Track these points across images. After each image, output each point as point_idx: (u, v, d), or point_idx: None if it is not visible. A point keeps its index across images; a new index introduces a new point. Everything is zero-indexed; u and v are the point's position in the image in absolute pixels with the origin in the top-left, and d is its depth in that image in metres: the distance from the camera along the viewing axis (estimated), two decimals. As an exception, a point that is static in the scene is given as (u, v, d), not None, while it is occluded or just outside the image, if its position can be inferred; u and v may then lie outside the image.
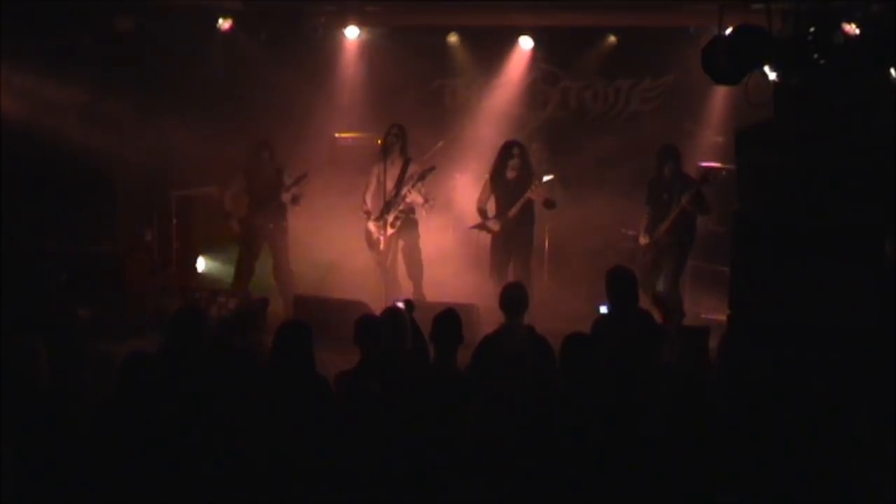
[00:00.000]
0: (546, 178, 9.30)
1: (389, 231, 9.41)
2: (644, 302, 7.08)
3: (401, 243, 9.56)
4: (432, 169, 9.49)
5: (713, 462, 4.58)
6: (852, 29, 6.98)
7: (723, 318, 8.03)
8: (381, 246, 9.42)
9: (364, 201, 9.60)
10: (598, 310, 7.97)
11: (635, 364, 5.91)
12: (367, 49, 11.67)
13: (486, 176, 9.50)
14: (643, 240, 9.21)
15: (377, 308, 7.62)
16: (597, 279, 10.06)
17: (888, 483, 4.54)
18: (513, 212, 9.17)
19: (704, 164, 10.20)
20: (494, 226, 9.26)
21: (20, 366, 4.85)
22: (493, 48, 11.57)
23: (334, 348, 7.58)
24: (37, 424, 4.68)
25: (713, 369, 6.42)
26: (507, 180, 9.20)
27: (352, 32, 11.50)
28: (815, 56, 6.88)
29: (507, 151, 9.21)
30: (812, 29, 6.88)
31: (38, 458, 4.57)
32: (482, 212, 9.40)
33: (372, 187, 9.54)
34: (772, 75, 7.24)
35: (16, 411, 4.66)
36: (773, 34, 6.94)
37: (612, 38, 11.37)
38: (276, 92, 11.11)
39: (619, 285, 6.62)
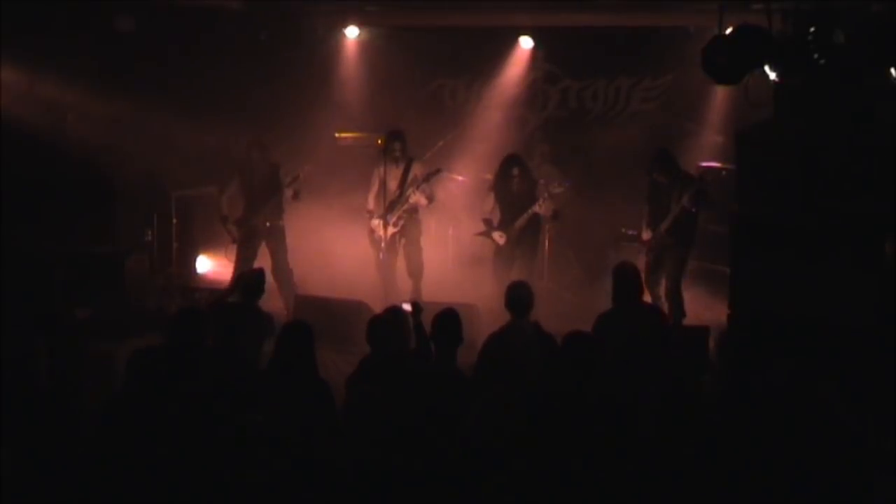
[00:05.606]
0: (556, 191, 9.22)
1: (392, 230, 9.42)
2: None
3: (403, 242, 9.58)
4: (438, 171, 9.51)
5: (712, 461, 4.58)
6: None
7: (723, 318, 8.04)
8: (384, 244, 9.43)
9: (367, 201, 9.62)
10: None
11: (638, 360, 5.93)
12: (367, 49, 11.65)
13: (488, 187, 9.49)
14: (645, 235, 9.14)
15: (377, 308, 7.63)
16: (596, 278, 10.15)
17: (888, 483, 4.54)
18: (519, 223, 9.15)
19: (704, 164, 10.19)
20: (500, 238, 9.22)
21: (19, 366, 4.84)
22: (493, 48, 11.56)
23: (335, 348, 7.63)
24: (36, 424, 4.67)
25: (712, 369, 6.42)
26: (510, 193, 9.18)
27: (352, 32, 11.49)
28: (815, 56, 6.87)
29: (507, 168, 9.18)
30: (812, 29, 6.87)
31: (37, 458, 4.57)
32: (487, 221, 9.36)
33: (374, 188, 9.55)
34: (772, 75, 7.24)
35: (15, 411, 4.65)
36: (773, 34, 6.94)
37: (613, 38, 11.35)
38: (276, 92, 11.09)
39: (623, 281, 6.64)
